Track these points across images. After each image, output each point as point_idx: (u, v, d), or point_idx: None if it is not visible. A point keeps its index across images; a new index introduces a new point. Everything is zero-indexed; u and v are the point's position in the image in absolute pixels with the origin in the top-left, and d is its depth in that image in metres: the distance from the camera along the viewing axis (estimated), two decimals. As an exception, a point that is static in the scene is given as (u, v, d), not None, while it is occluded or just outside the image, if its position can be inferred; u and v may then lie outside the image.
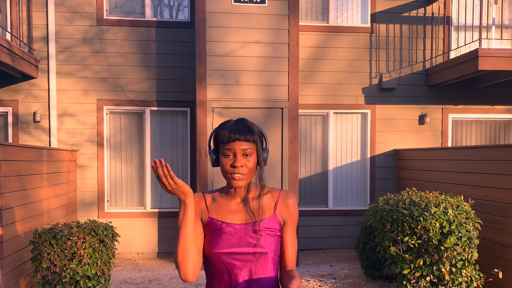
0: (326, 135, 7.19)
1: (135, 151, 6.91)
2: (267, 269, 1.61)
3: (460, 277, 4.16)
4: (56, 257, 4.05)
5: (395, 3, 7.19)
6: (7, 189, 4.20)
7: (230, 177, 1.58)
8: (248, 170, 1.59)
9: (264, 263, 1.61)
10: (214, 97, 5.96)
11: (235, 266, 1.59)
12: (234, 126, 1.60)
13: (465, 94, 7.31)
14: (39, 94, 6.65)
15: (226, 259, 1.60)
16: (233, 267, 1.60)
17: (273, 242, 1.63)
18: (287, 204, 1.68)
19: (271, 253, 1.61)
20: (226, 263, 1.60)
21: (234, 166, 1.57)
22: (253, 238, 1.60)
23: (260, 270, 1.61)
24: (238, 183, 1.58)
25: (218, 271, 1.62)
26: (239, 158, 1.57)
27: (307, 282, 5.43)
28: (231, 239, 1.61)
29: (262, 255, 1.60)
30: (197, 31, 5.91)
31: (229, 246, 1.60)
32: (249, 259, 1.60)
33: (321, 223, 7.07)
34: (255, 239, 1.60)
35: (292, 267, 1.68)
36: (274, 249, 1.63)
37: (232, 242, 1.60)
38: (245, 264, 1.60)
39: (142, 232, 6.78)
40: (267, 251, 1.60)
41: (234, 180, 1.58)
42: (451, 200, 4.39)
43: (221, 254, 1.59)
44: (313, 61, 7.07)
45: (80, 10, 6.70)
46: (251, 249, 1.59)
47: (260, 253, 1.59)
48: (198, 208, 1.68)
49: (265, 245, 1.60)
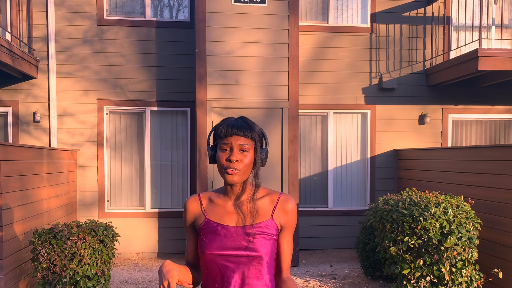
0: (326, 135, 7.19)
1: (135, 151, 6.91)
2: (260, 272, 1.58)
3: (460, 277, 4.16)
4: (56, 257, 4.05)
5: (395, 3, 7.19)
6: (7, 189, 4.20)
7: (225, 171, 1.55)
8: (243, 165, 1.55)
9: (257, 266, 1.58)
10: (214, 97, 5.96)
11: (228, 268, 1.57)
12: (234, 121, 1.58)
13: (465, 94, 7.31)
14: (39, 94, 6.65)
15: (219, 261, 1.58)
16: (226, 269, 1.58)
17: (269, 246, 1.59)
18: (286, 210, 1.64)
19: (266, 257, 1.58)
20: (219, 264, 1.58)
21: (230, 160, 1.54)
22: (246, 241, 1.57)
23: (253, 274, 1.58)
24: (232, 178, 1.55)
25: (211, 272, 1.60)
26: (235, 152, 1.54)
27: (307, 282, 5.43)
28: (224, 240, 1.58)
29: (256, 259, 1.57)
30: (197, 31, 5.91)
31: (223, 248, 1.57)
32: (242, 262, 1.57)
33: (321, 223, 7.07)
34: (250, 242, 1.57)
35: (287, 273, 1.69)
36: (270, 253, 1.60)
37: (226, 243, 1.58)
38: (238, 267, 1.57)
39: (142, 232, 6.78)
40: (261, 254, 1.57)
41: (228, 174, 1.54)
42: (451, 200, 4.39)
43: (214, 255, 1.58)
44: (313, 61, 7.07)
45: (80, 10, 6.70)
46: (244, 251, 1.56)
47: (253, 256, 1.57)
48: (192, 215, 1.67)
49: (259, 248, 1.57)
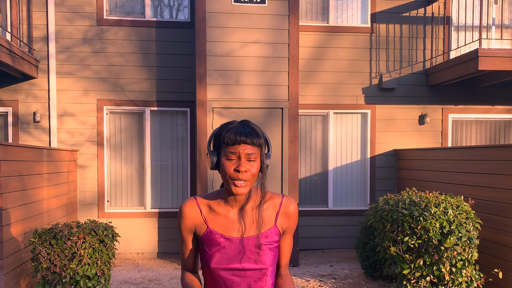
0: (326, 135, 7.19)
1: (135, 151, 6.90)
2: (266, 283, 1.55)
3: (460, 277, 4.16)
4: (56, 257, 4.05)
5: (395, 3, 7.19)
6: (7, 189, 4.20)
7: (232, 182, 1.47)
8: (251, 175, 1.48)
9: (263, 278, 1.54)
10: (214, 97, 5.96)
11: (233, 282, 1.53)
12: (240, 128, 1.49)
13: (465, 94, 7.31)
14: (39, 94, 6.65)
15: (224, 275, 1.52)
16: (231, 283, 1.53)
17: (272, 256, 1.56)
18: (288, 214, 1.60)
19: (270, 267, 1.56)
20: (224, 278, 1.53)
21: (238, 171, 1.46)
22: (253, 253, 1.53)
23: (260, 285, 1.54)
24: (239, 190, 1.47)
25: (216, 284, 1.55)
26: (243, 162, 1.46)
27: (307, 282, 5.43)
28: (230, 253, 1.53)
29: (262, 271, 1.53)
30: (197, 31, 5.91)
31: (228, 262, 1.52)
32: (248, 275, 1.53)
33: (321, 223, 7.07)
34: (255, 254, 1.53)
35: (285, 269, 1.67)
36: (273, 262, 1.57)
37: (231, 256, 1.53)
38: (244, 280, 1.53)
39: (142, 232, 6.78)
40: (267, 266, 1.54)
41: (235, 187, 1.47)
42: (451, 200, 4.39)
43: (219, 269, 1.52)
44: (313, 61, 7.07)
45: (80, 10, 6.70)
46: (251, 265, 1.52)
47: (260, 269, 1.53)
48: (191, 222, 1.57)
49: (265, 261, 1.53)
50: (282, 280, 1.65)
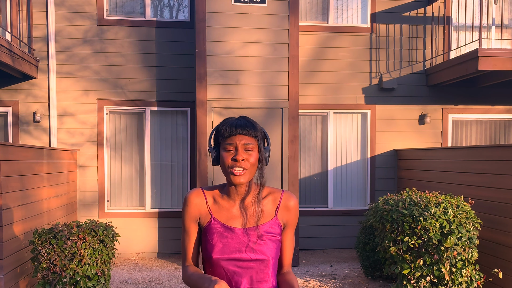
0: (326, 135, 7.19)
1: (135, 151, 6.90)
2: (268, 275, 1.57)
3: (460, 277, 4.16)
4: (56, 257, 4.05)
5: (395, 3, 7.19)
6: (7, 189, 4.20)
7: (230, 172, 1.51)
8: (249, 165, 1.52)
9: (265, 270, 1.56)
10: (214, 97, 5.96)
11: (235, 273, 1.54)
12: (236, 120, 1.56)
13: (465, 94, 7.31)
14: (39, 94, 6.65)
15: (226, 265, 1.54)
16: (233, 274, 1.54)
17: (274, 248, 1.58)
18: (288, 207, 1.62)
19: (272, 259, 1.57)
20: (226, 269, 1.54)
21: (235, 160, 1.50)
22: (254, 244, 1.55)
23: (261, 277, 1.56)
24: (238, 179, 1.51)
25: (218, 276, 1.56)
26: (240, 152, 1.50)
27: (307, 282, 5.43)
28: (232, 243, 1.55)
29: (263, 262, 1.55)
30: (197, 31, 5.91)
31: (230, 252, 1.54)
32: (250, 266, 1.54)
33: (321, 223, 7.07)
34: (257, 245, 1.54)
35: (288, 268, 1.67)
36: (275, 255, 1.58)
37: (233, 247, 1.54)
38: (246, 271, 1.54)
39: (142, 232, 6.78)
40: (268, 258, 1.55)
41: (234, 175, 1.50)
42: (451, 200, 4.39)
43: (221, 260, 1.54)
44: (313, 61, 7.07)
45: (80, 10, 6.70)
46: (253, 255, 1.54)
47: (261, 260, 1.54)
48: (196, 211, 1.60)
49: (266, 251, 1.55)
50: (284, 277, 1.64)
